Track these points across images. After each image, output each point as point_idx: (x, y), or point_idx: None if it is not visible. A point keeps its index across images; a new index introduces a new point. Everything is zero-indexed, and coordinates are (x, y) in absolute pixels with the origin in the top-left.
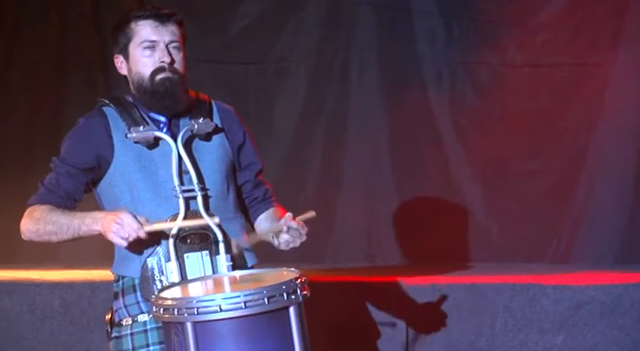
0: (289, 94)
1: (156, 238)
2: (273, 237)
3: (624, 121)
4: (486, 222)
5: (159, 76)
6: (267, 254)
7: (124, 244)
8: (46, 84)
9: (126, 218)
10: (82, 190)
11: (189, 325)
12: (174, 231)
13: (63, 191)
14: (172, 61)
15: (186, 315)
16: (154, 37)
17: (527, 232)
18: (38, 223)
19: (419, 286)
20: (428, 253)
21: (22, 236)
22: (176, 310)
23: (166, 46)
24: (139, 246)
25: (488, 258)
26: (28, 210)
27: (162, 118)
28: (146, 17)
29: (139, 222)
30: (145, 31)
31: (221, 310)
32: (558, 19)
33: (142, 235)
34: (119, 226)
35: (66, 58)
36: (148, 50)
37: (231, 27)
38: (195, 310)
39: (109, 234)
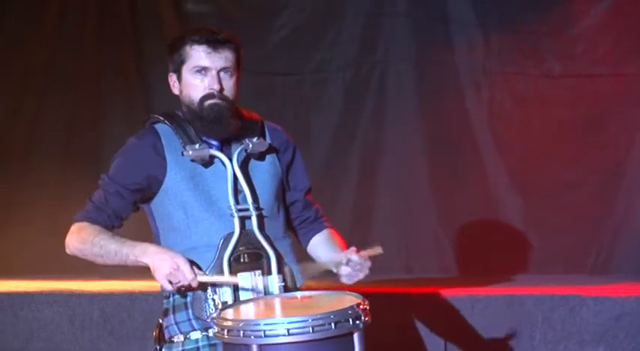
0: (327, 105)
1: (209, 256)
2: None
3: None
4: (525, 233)
5: (207, 102)
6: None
7: (169, 288)
8: (84, 87)
9: (183, 266)
10: (131, 210)
11: (254, 348)
12: (225, 282)
13: (111, 210)
14: (222, 88)
15: (252, 337)
16: (205, 63)
17: (567, 243)
18: (85, 243)
19: (457, 297)
20: (466, 264)
21: (67, 251)
22: (242, 332)
23: (218, 72)
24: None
25: (528, 269)
26: (76, 226)
27: (214, 142)
28: (201, 42)
29: (194, 272)
30: (197, 55)
31: (288, 334)
32: (597, 30)
33: (194, 284)
34: (174, 272)
35: (103, 59)
36: (199, 75)
37: (270, 38)
38: (262, 333)
39: (158, 273)
